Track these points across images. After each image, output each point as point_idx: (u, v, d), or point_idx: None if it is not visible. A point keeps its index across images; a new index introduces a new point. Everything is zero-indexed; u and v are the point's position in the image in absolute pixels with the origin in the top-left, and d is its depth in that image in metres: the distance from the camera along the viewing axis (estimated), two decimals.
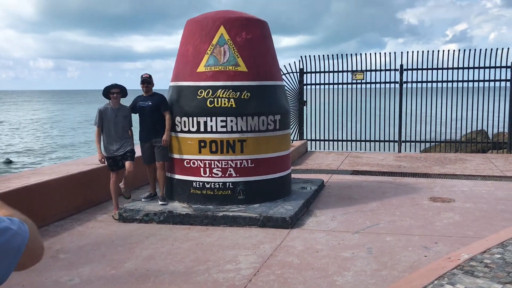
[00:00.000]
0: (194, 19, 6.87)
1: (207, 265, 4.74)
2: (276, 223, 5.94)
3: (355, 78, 12.59)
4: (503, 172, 9.37)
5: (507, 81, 11.82)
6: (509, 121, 12.01)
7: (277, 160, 6.81)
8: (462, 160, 10.87)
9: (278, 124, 6.76)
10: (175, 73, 6.92)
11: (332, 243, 5.32)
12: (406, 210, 6.65)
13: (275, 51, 7.15)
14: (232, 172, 6.47)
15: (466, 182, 8.46)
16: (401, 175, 9.22)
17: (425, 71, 12.24)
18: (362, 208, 6.81)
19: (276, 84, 6.88)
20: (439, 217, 6.27)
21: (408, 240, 5.36)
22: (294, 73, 12.86)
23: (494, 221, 6.05)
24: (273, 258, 4.90)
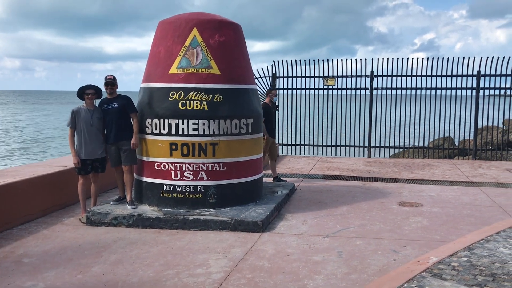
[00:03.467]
0: (167, 20, 6.79)
1: (177, 270, 4.67)
2: (247, 226, 5.91)
3: (326, 83, 12.71)
4: (469, 178, 9.61)
5: (473, 89, 12.16)
6: (475, 128, 12.35)
7: (249, 164, 6.78)
8: (429, 166, 11.10)
9: (251, 127, 6.74)
10: (146, 75, 6.82)
11: (303, 246, 5.32)
12: (376, 214, 6.73)
13: (249, 54, 7.14)
14: (203, 175, 6.41)
15: (434, 187, 8.64)
16: (371, 180, 9.34)
17: (395, 78, 12.46)
18: (332, 212, 6.85)
19: (249, 88, 6.87)
20: (408, 221, 6.37)
21: (377, 244, 5.41)
22: (266, 78, 12.89)
23: (460, 225, 6.18)
24: (244, 262, 4.86)
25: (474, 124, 12.31)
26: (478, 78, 12.09)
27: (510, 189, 8.51)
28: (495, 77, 12.03)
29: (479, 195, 7.95)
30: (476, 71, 12.11)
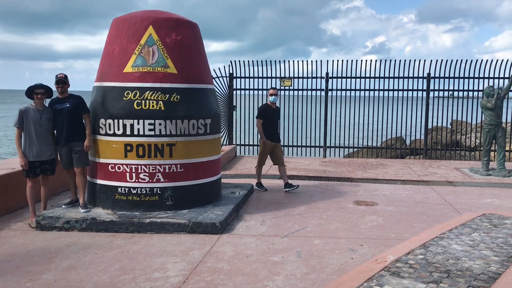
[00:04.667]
0: (122, 17, 6.60)
1: (133, 274, 4.53)
2: (205, 228, 5.83)
3: (283, 84, 12.79)
4: (420, 176, 9.93)
5: (424, 91, 12.59)
6: (425, 128, 12.78)
7: (207, 165, 6.70)
8: (383, 165, 11.39)
9: (209, 128, 6.66)
10: (99, 73, 6.60)
11: (262, 247, 5.31)
12: (333, 213, 6.82)
13: (206, 53, 7.06)
14: (160, 177, 6.27)
15: (387, 186, 8.86)
16: (327, 180, 9.47)
17: (349, 79, 12.70)
18: (290, 212, 6.88)
19: (207, 88, 6.79)
20: (364, 220, 6.49)
21: (335, 243, 5.47)
22: (224, 78, 12.83)
23: (414, 223, 6.36)
24: (203, 264, 4.79)
25: (424, 124, 12.73)
26: (428, 80, 12.52)
27: (458, 187, 8.85)
28: (444, 80, 12.50)
29: (431, 194, 8.22)
30: (427, 73, 12.54)
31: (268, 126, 8.12)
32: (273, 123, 8.23)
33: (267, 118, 8.11)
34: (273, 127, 8.25)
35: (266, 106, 8.25)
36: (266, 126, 8.09)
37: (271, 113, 8.18)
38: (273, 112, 8.22)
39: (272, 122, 8.20)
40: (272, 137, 8.20)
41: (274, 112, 8.25)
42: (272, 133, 8.22)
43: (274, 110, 8.26)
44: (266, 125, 8.10)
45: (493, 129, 10.02)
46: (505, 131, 10.63)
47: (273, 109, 8.24)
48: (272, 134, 8.20)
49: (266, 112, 8.14)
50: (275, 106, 8.30)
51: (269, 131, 8.16)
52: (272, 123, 8.20)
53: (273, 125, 8.23)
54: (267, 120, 8.12)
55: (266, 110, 8.16)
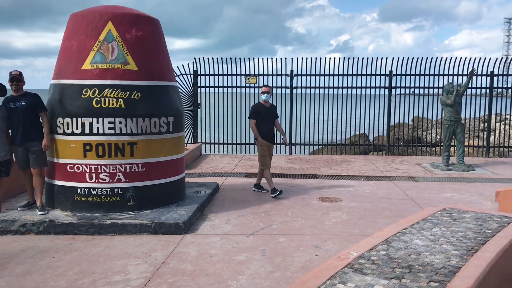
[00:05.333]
0: (80, 13, 6.38)
1: (93, 278, 4.38)
2: (169, 229, 5.71)
3: (248, 82, 12.74)
4: (383, 172, 10.08)
5: (386, 88, 12.79)
6: (387, 125, 13.00)
7: (170, 164, 6.57)
8: (347, 162, 11.51)
9: (171, 126, 6.53)
10: (57, 70, 6.36)
11: (226, 247, 5.24)
12: (298, 210, 6.81)
13: (168, 51, 6.92)
14: (121, 177, 6.10)
15: (351, 182, 8.95)
16: (292, 177, 9.48)
17: (313, 77, 12.77)
18: (256, 210, 6.84)
19: (169, 85, 6.65)
20: (328, 216, 6.52)
21: (300, 240, 5.46)
22: (188, 75, 12.66)
23: (377, 218, 6.44)
24: (166, 266, 4.68)
25: (387, 121, 12.95)
26: (390, 77, 12.74)
27: (420, 182, 9.03)
28: (405, 77, 12.73)
29: (393, 189, 8.35)
30: (389, 71, 12.75)
31: (263, 126, 7.69)
32: (268, 123, 7.76)
33: (259, 117, 7.68)
34: (268, 127, 7.78)
35: (258, 105, 7.84)
36: (261, 126, 7.68)
37: (263, 112, 7.72)
38: (266, 111, 7.76)
39: (266, 122, 7.74)
40: (268, 137, 7.79)
41: (267, 111, 7.78)
42: (268, 133, 7.78)
43: (267, 108, 7.79)
44: (261, 125, 7.68)
45: (452, 125, 10.27)
46: (464, 127, 10.93)
47: (266, 107, 7.79)
48: (268, 134, 7.77)
49: (258, 112, 7.70)
50: (268, 104, 7.86)
51: (264, 131, 7.72)
52: (267, 123, 7.74)
53: (268, 125, 7.77)
54: (261, 119, 7.69)
55: (258, 109, 7.72)
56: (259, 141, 7.68)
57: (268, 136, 7.79)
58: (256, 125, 7.68)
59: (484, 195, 7.87)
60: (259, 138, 7.67)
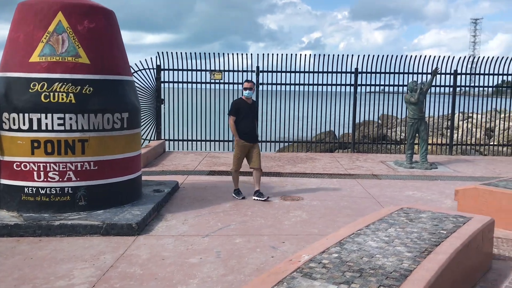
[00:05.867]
0: (27, 2, 6.03)
1: (34, 284, 4.11)
2: (121, 230, 5.47)
3: (213, 77, 12.52)
4: (347, 170, 10.04)
5: (352, 86, 12.79)
6: (353, 122, 13.01)
7: (125, 162, 6.31)
8: (312, 159, 11.44)
9: (126, 122, 6.26)
10: (3, 63, 6.00)
11: (180, 249, 5.03)
12: (258, 209, 6.66)
13: (124, 44, 6.64)
14: (71, 175, 5.81)
15: (315, 180, 8.86)
16: None
17: (280, 73, 12.65)
18: (215, 209, 6.65)
19: (124, 79, 6.38)
20: (288, 215, 6.39)
21: (257, 241, 5.31)
22: (150, 70, 12.33)
23: (338, 217, 6.35)
24: (114, 269, 4.44)
25: (352, 118, 12.95)
26: (356, 75, 12.73)
27: (383, 180, 9.02)
28: (370, 75, 12.76)
29: (356, 187, 8.30)
30: (354, 68, 12.74)
31: (243, 124, 7.15)
32: (249, 121, 7.21)
33: (240, 115, 7.13)
34: (249, 125, 7.22)
35: (239, 101, 7.27)
36: (241, 124, 7.14)
37: (245, 109, 7.16)
38: (247, 108, 7.21)
39: (247, 120, 7.19)
40: (248, 136, 7.21)
41: (249, 108, 7.24)
42: (248, 132, 7.22)
43: (249, 105, 7.24)
44: (241, 123, 7.14)
45: (416, 123, 10.32)
46: (428, 125, 11.01)
47: (248, 104, 7.23)
48: (248, 133, 7.21)
49: (238, 108, 7.14)
50: (250, 100, 7.28)
51: (244, 130, 7.17)
52: (247, 121, 7.19)
53: (248, 123, 7.20)
54: (241, 117, 7.14)
55: (238, 105, 7.17)
56: (236, 140, 7.21)
57: (249, 135, 7.23)
58: (235, 122, 7.17)
59: (445, 193, 7.91)
60: (237, 137, 7.17)
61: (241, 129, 7.17)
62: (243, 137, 7.17)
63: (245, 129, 7.19)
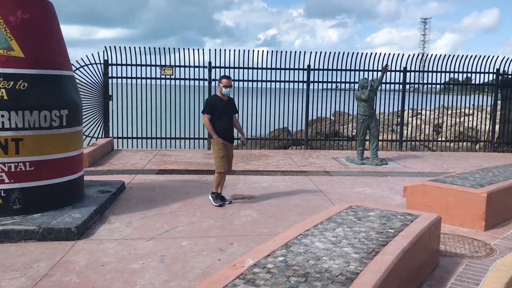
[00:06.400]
0: None
1: None
2: (59, 235, 5.12)
3: (164, 73, 12.16)
4: (300, 167, 10.00)
5: (304, 83, 12.77)
6: (306, 119, 13.01)
7: (65, 162, 5.94)
8: (265, 156, 11.33)
9: (66, 120, 5.89)
10: None
11: (122, 253, 4.76)
12: (207, 209, 6.46)
13: (63, 36, 6.24)
14: (4, 177, 5.40)
15: (267, 178, 8.75)
16: (208, 173, 9.10)
17: (233, 70, 12.46)
18: (162, 210, 6.39)
19: (63, 74, 5.99)
20: (238, 215, 6.22)
21: (205, 243, 5.11)
22: (97, 65, 11.82)
23: (288, 216, 6.24)
24: (47, 278, 4.13)
25: (305, 115, 12.95)
26: (308, 72, 12.72)
27: (334, 177, 9.02)
28: (323, 71, 12.78)
29: (308, 184, 8.25)
30: (307, 65, 12.73)
31: (220, 123, 6.63)
32: (226, 119, 6.71)
33: (216, 112, 6.61)
34: (227, 124, 6.71)
35: (214, 98, 6.75)
36: (217, 123, 6.62)
37: (220, 107, 6.65)
38: (224, 105, 6.70)
39: (225, 118, 6.69)
40: (226, 135, 6.73)
41: (226, 105, 6.72)
42: (226, 130, 6.72)
43: (226, 102, 6.72)
44: (218, 121, 6.63)
45: (367, 119, 10.40)
46: (378, 121, 11.13)
47: (224, 101, 6.71)
48: (225, 132, 6.71)
49: (214, 106, 6.62)
50: (227, 97, 6.75)
51: (222, 129, 6.66)
52: (225, 119, 6.69)
53: (225, 121, 6.69)
54: (217, 115, 6.62)
55: (213, 103, 6.65)
56: (215, 139, 6.64)
57: (226, 134, 6.73)
58: (211, 121, 6.62)
59: (394, 189, 7.98)
60: (215, 135, 6.61)
61: (218, 128, 6.65)
62: (221, 135, 6.67)
63: (223, 126, 6.68)
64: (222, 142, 6.66)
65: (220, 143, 6.66)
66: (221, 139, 6.66)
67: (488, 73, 13.26)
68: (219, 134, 6.66)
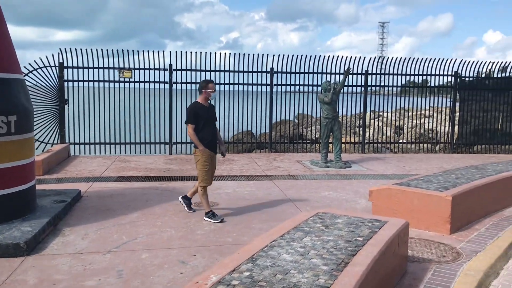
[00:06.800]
0: None
1: None
2: (6, 251, 4.74)
3: (122, 76, 11.75)
4: (264, 171, 9.83)
5: (267, 85, 12.64)
6: (269, 122, 12.87)
7: (14, 171, 5.53)
8: (229, 161, 11.11)
9: (14, 126, 5.49)
10: None
11: (76, 269, 4.44)
12: (169, 219, 6.19)
13: (10, 37, 5.83)
14: None
15: (231, 184, 8.53)
16: (169, 179, 8.80)
17: (194, 72, 12.18)
18: (121, 220, 6.08)
19: (11, 77, 5.59)
20: (201, 224, 5.98)
21: (166, 255, 4.85)
22: (52, 67, 11.28)
23: (253, 223, 6.05)
24: None
25: (269, 118, 12.82)
26: (272, 74, 12.61)
27: (299, 180, 8.91)
28: (286, 74, 12.70)
29: (273, 189, 8.09)
30: (270, 68, 12.61)
31: (205, 132, 6.11)
32: (211, 127, 6.20)
33: (200, 121, 6.06)
34: (211, 133, 6.20)
35: (196, 106, 6.16)
36: (203, 132, 6.09)
37: (204, 114, 6.12)
38: (206, 112, 6.17)
39: (209, 126, 6.17)
40: (211, 145, 6.21)
41: (208, 112, 6.21)
42: (211, 139, 6.19)
43: (208, 109, 6.21)
44: (203, 130, 6.09)
45: (330, 122, 10.36)
46: (341, 124, 11.13)
47: (206, 107, 6.19)
48: (211, 141, 6.19)
49: (198, 114, 6.07)
50: (208, 104, 6.25)
51: (207, 138, 6.13)
52: (209, 127, 6.17)
53: (210, 130, 6.18)
54: (202, 123, 6.08)
55: (197, 110, 6.09)
56: (201, 150, 6.10)
57: (211, 144, 6.21)
58: (195, 131, 6.08)
59: (359, 192, 7.93)
60: (201, 146, 6.07)
61: (203, 137, 6.11)
62: (207, 146, 6.15)
63: (208, 136, 6.14)
64: (208, 153, 6.17)
65: (207, 154, 6.16)
66: (208, 150, 6.17)
67: (447, 76, 13.53)
68: (206, 143, 6.14)
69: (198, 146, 6.12)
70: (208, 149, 6.17)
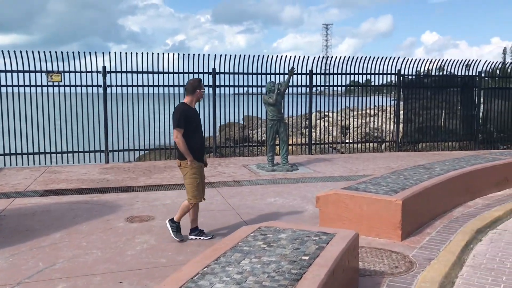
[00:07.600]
0: None
1: None
2: None
3: (51, 79, 10.81)
4: (208, 178, 9.05)
5: (210, 87, 12.08)
6: (213, 124, 12.31)
7: None
8: (170, 168, 10.44)
9: None
10: None
11: None
12: (96, 238, 5.51)
13: None
14: None
15: (170, 193, 7.91)
16: (102, 192, 8.04)
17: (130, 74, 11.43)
18: (41, 242, 5.34)
19: None
20: (133, 242, 5.35)
21: (87, 283, 4.20)
22: None
23: (191, 240, 5.49)
24: None
25: (213, 121, 12.27)
26: (214, 75, 12.07)
27: (244, 187, 8.43)
28: (228, 75, 12.20)
29: (215, 198, 7.55)
30: (212, 69, 12.06)
31: (196, 138, 5.30)
32: (200, 133, 5.44)
33: (190, 126, 5.24)
34: (202, 139, 5.51)
35: (185, 108, 5.30)
36: (194, 139, 5.27)
37: (194, 118, 5.34)
38: (195, 115, 5.42)
39: (199, 132, 5.39)
40: (199, 154, 5.34)
41: (196, 115, 5.47)
42: (200, 148, 5.38)
43: (196, 112, 5.50)
44: (193, 136, 5.27)
45: (275, 124, 9.96)
46: (287, 125, 10.76)
47: (194, 110, 5.46)
48: (199, 150, 5.35)
49: (189, 117, 5.25)
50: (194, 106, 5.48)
51: (196, 146, 5.29)
52: (199, 134, 5.40)
53: (200, 136, 5.42)
54: (192, 128, 5.26)
55: (186, 113, 5.24)
56: (191, 161, 5.22)
57: (200, 153, 5.36)
58: (184, 137, 5.20)
59: (306, 197, 7.55)
60: (190, 157, 5.19)
61: (193, 145, 5.25)
62: (197, 156, 5.30)
63: (197, 144, 5.31)
64: (198, 164, 5.31)
65: (196, 166, 5.29)
66: (197, 161, 5.29)
67: (390, 74, 13.52)
68: (194, 153, 5.26)
69: (186, 157, 5.21)
70: (196, 160, 5.28)
